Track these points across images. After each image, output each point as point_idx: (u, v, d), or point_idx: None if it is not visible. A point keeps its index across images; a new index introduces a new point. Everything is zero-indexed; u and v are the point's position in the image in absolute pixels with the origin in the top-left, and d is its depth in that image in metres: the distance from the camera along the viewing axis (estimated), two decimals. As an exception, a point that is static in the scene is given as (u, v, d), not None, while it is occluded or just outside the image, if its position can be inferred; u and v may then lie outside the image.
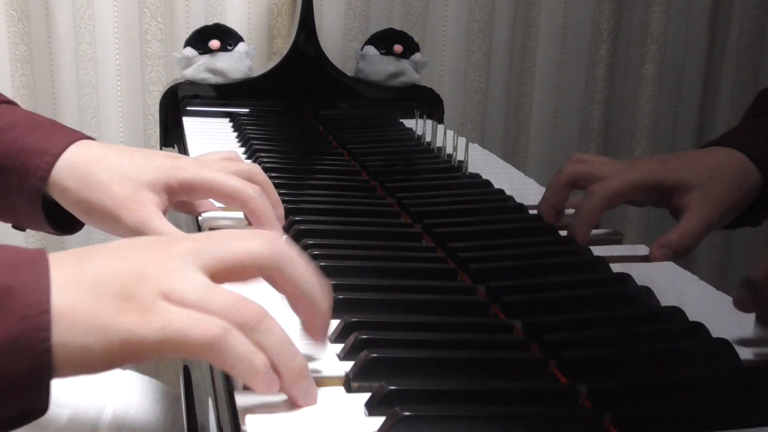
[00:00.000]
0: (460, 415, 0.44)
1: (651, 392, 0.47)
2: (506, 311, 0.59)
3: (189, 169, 0.69)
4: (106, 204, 0.66)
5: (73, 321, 0.42)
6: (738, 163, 0.78)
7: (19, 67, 1.42)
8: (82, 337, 0.42)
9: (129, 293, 0.43)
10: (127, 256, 0.45)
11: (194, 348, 0.43)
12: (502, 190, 0.87)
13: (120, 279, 0.43)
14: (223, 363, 0.43)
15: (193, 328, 0.42)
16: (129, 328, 0.42)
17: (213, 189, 0.69)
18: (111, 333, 0.42)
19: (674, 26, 1.64)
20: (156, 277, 0.44)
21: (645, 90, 1.64)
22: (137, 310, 0.42)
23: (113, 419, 0.73)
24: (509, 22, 1.57)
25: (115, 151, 0.69)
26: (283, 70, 1.30)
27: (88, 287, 0.43)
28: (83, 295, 0.43)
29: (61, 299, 0.42)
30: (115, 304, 0.42)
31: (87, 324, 0.42)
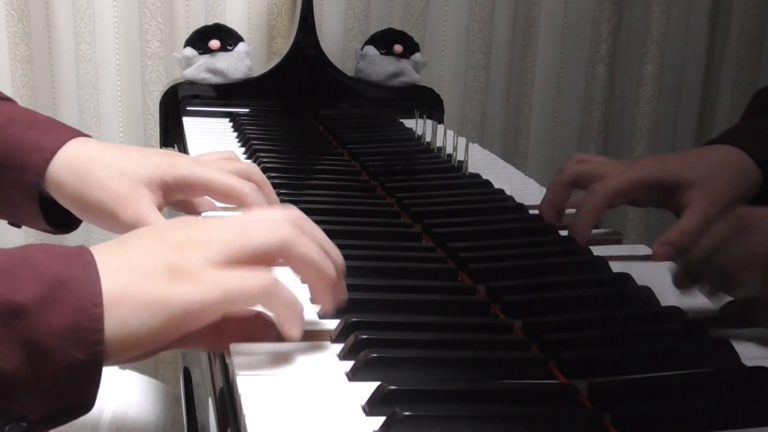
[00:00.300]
0: (460, 415, 0.44)
1: (651, 392, 0.47)
2: (506, 311, 0.59)
3: (186, 167, 0.69)
4: (103, 200, 0.67)
5: (128, 304, 0.44)
6: (738, 160, 0.78)
7: (19, 67, 1.42)
8: (141, 314, 0.44)
9: (178, 267, 0.46)
10: (166, 236, 0.49)
11: (251, 300, 0.48)
12: (502, 190, 0.87)
13: (166, 256, 0.46)
14: (274, 309, 0.49)
15: (247, 283, 0.47)
16: (188, 296, 0.45)
17: (210, 187, 0.69)
18: (172, 304, 0.45)
19: (674, 26, 1.64)
20: (199, 248, 0.47)
21: (645, 90, 1.64)
22: (190, 280, 0.46)
23: (113, 419, 0.73)
24: (509, 22, 1.57)
25: (112, 148, 0.70)
26: (283, 70, 1.30)
27: (136, 269, 0.46)
28: (134, 277, 0.45)
29: (111, 285, 0.44)
30: (167, 278, 0.45)
31: (144, 302, 0.44)
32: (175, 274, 0.46)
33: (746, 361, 0.52)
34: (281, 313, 0.49)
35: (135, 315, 0.44)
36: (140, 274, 0.45)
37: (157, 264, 0.46)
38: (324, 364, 0.50)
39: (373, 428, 0.43)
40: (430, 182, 0.91)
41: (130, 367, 0.85)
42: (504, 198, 0.85)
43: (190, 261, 0.46)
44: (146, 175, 0.67)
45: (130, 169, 0.68)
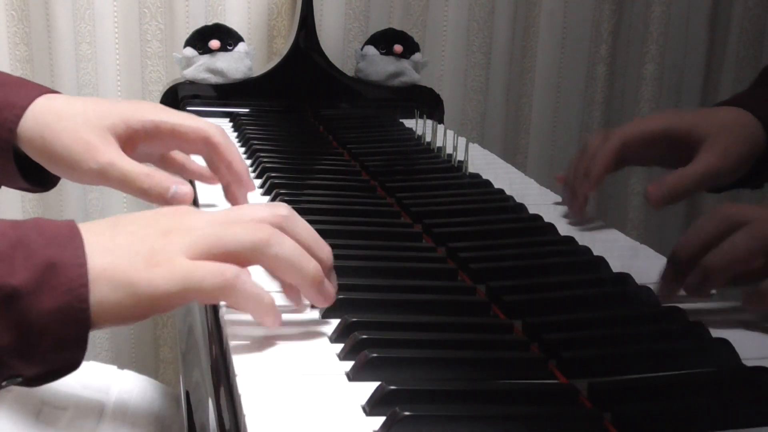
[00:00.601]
0: (460, 415, 0.44)
1: (651, 392, 0.47)
2: (506, 311, 0.59)
3: (151, 111, 0.71)
4: (70, 149, 0.68)
5: (108, 281, 0.48)
6: (744, 120, 0.80)
7: (19, 67, 1.42)
8: (115, 294, 0.48)
9: (156, 252, 0.49)
10: (154, 222, 0.52)
11: (211, 292, 0.49)
12: (502, 190, 0.87)
13: (149, 241, 0.50)
14: (236, 303, 0.51)
15: (209, 276, 0.49)
16: (154, 282, 0.48)
17: (176, 130, 0.70)
18: (138, 287, 0.48)
19: (674, 26, 1.64)
20: (180, 235, 0.50)
21: (645, 90, 1.64)
22: (161, 265, 0.49)
23: (113, 419, 0.73)
24: (509, 22, 1.57)
25: (80, 100, 0.72)
26: (283, 70, 1.30)
27: (122, 251, 0.49)
28: (118, 258, 0.49)
29: (98, 262, 0.48)
30: (144, 262, 0.49)
31: (119, 282, 0.48)
32: (152, 258, 0.49)
33: (746, 361, 0.52)
34: (245, 306, 0.51)
35: (111, 293, 0.48)
36: (123, 257, 0.49)
37: (139, 248, 0.50)
38: (324, 364, 0.50)
39: (373, 428, 0.43)
40: (430, 182, 0.91)
41: (130, 366, 0.85)
42: (504, 198, 0.85)
43: (169, 247, 0.50)
44: (111, 122, 0.69)
45: (96, 117, 0.69)
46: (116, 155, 0.68)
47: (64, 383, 0.71)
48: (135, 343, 1.57)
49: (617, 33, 1.63)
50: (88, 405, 0.70)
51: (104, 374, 0.75)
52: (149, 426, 0.74)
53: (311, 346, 0.52)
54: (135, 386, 0.79)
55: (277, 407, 0.45)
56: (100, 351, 1.54)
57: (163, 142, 0.72)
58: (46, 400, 0.68)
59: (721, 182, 0.80)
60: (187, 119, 0.71)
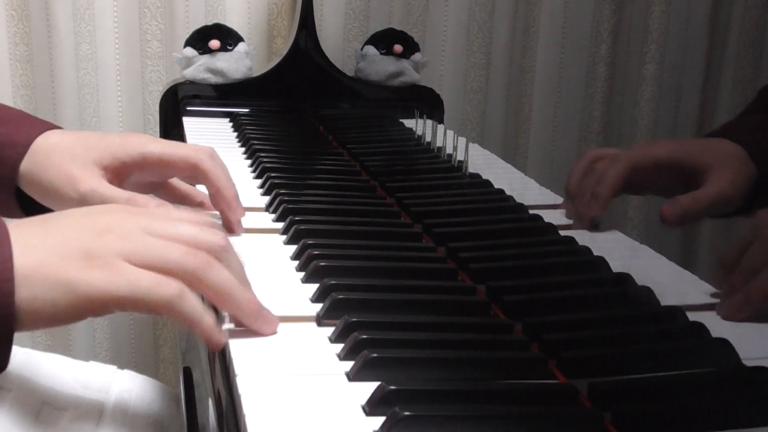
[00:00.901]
0: (460, 415, 0.44)
1: (651, 392, 0.47)
2: (506, 311, 0.59)
3: (137, 143, 0.71)
4: (53, 181, 0.70)
5: (41, 279, 0.47)
6: (740, 154, 0.82)
7: (19, 67, 1.42)
8: (51, 292, 0.47)
9: (93, 253, 0.48)
10: (88, 220, 0.51)
11: (155, 307, 0.48)
12: (502, 190, 0.87)
13: (84, 240, 0.48)
14: (178, 319, 0.49)
15: (155, 288, 0.48)
16: (95, 283, 0.47)
17: (163, 160, 0.71)
18: (77, 288, 0.47)
19: (674, 26, 1.64)
20: (118, 239, 0.49)
21: (645, 90, 1.64)
22: (102, 268, 0.47)
23: (112, 419, 0.73)
24: (509, 22, 1.57)
25: (72, 136, 0.73)
26: (283, 70, 1.30)
27: (53, 248, 0.48)
28: (49, 255, 0.47)
29: (26, 261, 0.47)
30: (80, 262, 0.47)
31: (54, 281, 0.47)
32: (89, 259, 0.48)
33: (746, 361, 0.52)
34: (184, 324, 0.50)
35: (44, 293, 0.47)
36: (55, 254, 0.48)
37: (73, 246, 0.48)
38: (324, 364, 0.50)
39: (373, 428, 0.43)
40: (430, 182, 0.91)
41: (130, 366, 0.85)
42: (504, 198, 0.85)
43: (106, 250, 0.48)
44: (97, 156, 0.70)
45: (82, 150, 0.70)
46: (97, 183, 0.69)
47: (64, 383, 0.71)
48: (135, 343, 1.57)
49: (617, 33, 1.63)
50: (88, 405, 0.70)
51: (104, 374, 0.75)
52: (149, 426, 0.74)
53: (311, 346, 0.52)
54: (135, 386, 0.79)
55: (277, 407, 0.45)
56: (99, 351, 1.54)
57: (153, 172, 0.73)
58: (46, 401, 0.68)
59: (728, 208, 0.82)
60: (174, 148, 0.72)
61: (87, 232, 0.49)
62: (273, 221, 0.77)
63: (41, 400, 0.67)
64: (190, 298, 0.49)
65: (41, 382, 0.69)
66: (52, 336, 1.51)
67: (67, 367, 0.74)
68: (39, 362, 0.71)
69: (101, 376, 0.75)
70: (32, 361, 0.69)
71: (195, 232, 0.53)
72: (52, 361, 0.73)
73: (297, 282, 0.63)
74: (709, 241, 1.75)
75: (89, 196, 0.68)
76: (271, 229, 0.75)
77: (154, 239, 0.50)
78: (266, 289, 0.59)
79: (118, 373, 0.78)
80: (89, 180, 0.69)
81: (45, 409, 0.67)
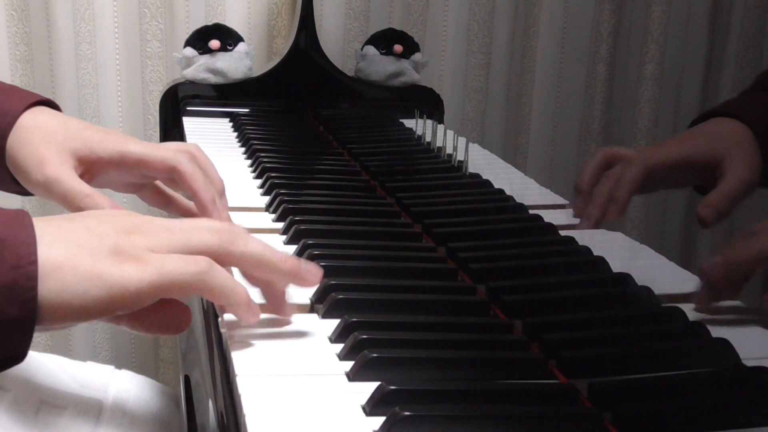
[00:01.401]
0: (460, 415, 0.44)
1: (651, 392, 0.47)
2: (506, 311, 0.59)
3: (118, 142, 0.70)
4: (25, 159, 0.69)
5: (72, 271, 0.46)
6: (746, 134, 0.83)
7: (19, 67, 1.42)
8: (82, 284, 0.46)
9: (122, 248, 0.48)
10: (114, 221, 0.51)
11: (185, 284, 0.49)
12: (502, 190, 0.87)
13: (112, 237, 0.49)
14: (211, 294, 0.50)
15: (183, 266, 0.48)
16: (127, 275, 0.47)
17: (142, 161, 0.69)
18: (110, 279, 0.47)
19: (674, 26, 1.64)
20: (144, 236, 0.50)
21: (645, 90, 1.64)
22: (132, 261, 0.48)
23: (111, 418, 0.73)
24: (509, 22, 1.57)
25: (58, 120, 0.72)
26: (283, 70, 1.30)
27: (83, 243, 0.48)
28: (80, 250, 0.47)
29: (56, 252, 0.46)
30: (110, 257, 0.48)
31: (86, 272, 0.47)
32: (119, 254, 0.48)
33: (746, 361, 0.52)
34: (220, 298, 0.50)
35: (74, 285, 0.46)
36: (86, 248, 0.48)
37: (102, 242, 0.48)
38: (324, 364, 0.50)
39: (373, 428, 0.43)
40: (430, 182, 0.91)
41: (130, 366, 0.85)
42: (504, 198, 0.85)
43: (134, 245, 0.49)
44: (74, 145, 0.69)
45: (63, 137, 0.69)
46: (64, 172, 0.68)
47: (62, 383, 0.71)
48: (135, 343, 1.57)
49: (617, 33, 1.63)
50: (87, 404, 0.70)
51: (102, 374, 0.75)
52: (147, 425, 0.74)
53: (311, 346, 0.52)
54: (132, 386, 0.79)
55: (277, 407, 0.45)
56: (100, 351, 1.54)
57: (132, 172, 0.72)
58: (45, 399, 0.68)
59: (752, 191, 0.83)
60: (153, 149, 0.70)
61: (114, 230, 0.50)
62: (273, 221, 0.78)
63: (40, 399, 0.67)
64: (219, 271, 0.50)
65: (40, 381, 0.69)
66: (52, 336, 1.51)
67: (65, 367, 0.74)
68: (38, 362, 0.71)
69: (99, 376, 0.75)
70: (31, 362, 0.69)
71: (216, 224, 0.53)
72: (50, 361, 0.73)
73: (297, 282, 0.63)
74: (709, 241, 1.75)
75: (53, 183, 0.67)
76: (271, 229, 0.75)
77: (178, 229, 0.52)
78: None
79: (115, 373, 0.78)
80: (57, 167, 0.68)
81: (44, 408, 0.67)
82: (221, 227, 0.52)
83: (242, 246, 0.52)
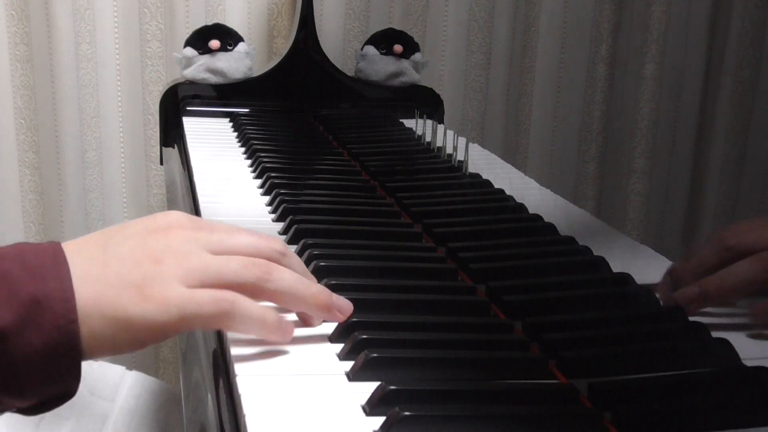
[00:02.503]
0: (460, 415, 0.44)
1: (651, 392, 0.47)
2: (506, 311, 0.59)
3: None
4: None
5: (97, 316, 0.46)
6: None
7: (19, 67, 1.42)
8: (110, 329, 0.47)
9: (149, 281, 0.48)
10: (146, 244, 0.50)
11: (210, 321, 0.49)
12: (502, 190, 0.87)
13: (141, 269, 0.48)
14: (237, 329, 0.50)
15: (205, 305, 0.48)
16: (150, 317, 0.47)
17: None
18: (134, 323, 0.47)
19: (674, 26, 1.64)
20: (175, 264, 0.49)
21: (645, 90, 1.64)
22: (157, 298, 0.47)
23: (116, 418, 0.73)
24: (509, 22, 1.57)
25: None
26: (283, 70, 1.30)
27: (113, 280, 0.48)
28: (109, 288, 0.47)
29: (86, 295, 0.46)
30: (136, 293, 0.47)
31: (110, 318, 0.47)
32: (146, 288, 0.48)
33: (746, 361, 0.52)
34: (250, 330, 0.50)
35: (103, 327, 0.47)
36: (113, 286, 0.47)
37: (132, 277, 0.48)
38: (324, 364, 0.50)
39: (373, 428, 0.43)
40: (430, 182, 0.91)
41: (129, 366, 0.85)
42: (504, 198, 0.85)
43: (163, 275, 0.48)
44: None
45: None
46: None
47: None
48: (135, 343, 1.57)
49: (617, 33, 1.63)
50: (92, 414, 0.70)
51: (112, 377, 0.75)
52: (150, 426, 0.74)
53: (311, 346, 0.52)
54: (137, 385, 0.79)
55: (277, 407, 0.45)
56: (100, 351, 1.54)
57: None
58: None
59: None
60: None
61: (145, 260, 0.49)
62: (273, 221, 0.78)
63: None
64: (243, 304, 0.49)
65: None
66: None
67: None
68: None
69: (110, 379, 0.75)
70: None
71: (254, 241, 0.53)
72: None
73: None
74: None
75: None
76: (272, 229, 0.75)
77: (212, 257, 0.50)
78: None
79: (126, 375, 0.78)
80: None
81: (47, 417, 0.67)
82: (258, 262, 0.51)
83: (277, 283, 0.51)
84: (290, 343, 0.53)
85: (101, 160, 1.50)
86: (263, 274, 0.51)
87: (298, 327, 0.55)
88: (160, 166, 1.41)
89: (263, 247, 0.53)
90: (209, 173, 0.94)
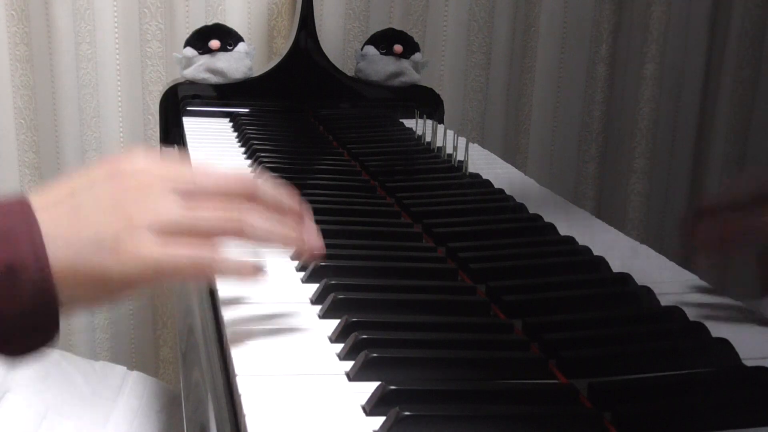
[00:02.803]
0: (460, 415, 0.44)
1: (651, 392, 0.47)
2: (506, 311, 0.59)
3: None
4: None
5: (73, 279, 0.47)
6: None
7: (19, 67, 1.42)
8: (85, 288, 0.48)
9: (124, 237, 0.48)
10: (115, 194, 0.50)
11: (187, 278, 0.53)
12: (502, 190, 0.87)
13: (114, 227, 0.49)
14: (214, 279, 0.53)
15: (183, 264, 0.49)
16: (125, 271, 0.48)
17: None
18: (111, 279, 0.48)
19: (674, 26, 1.64)
20: (143, 219, 0.49)
21: (645, 90, 1.64)
22: (132, 253, 0.48)
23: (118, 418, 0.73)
24: (509, 22, 1.57)
25: None
26: (283, 70, 1.30)
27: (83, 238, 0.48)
28: (81, 247, 0.48)
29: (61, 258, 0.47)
30: (111, 251, 0.48)
31: (87, 278, 0.48)
32: (119, 245, 0.48)
33: (746, 361, 0.52)
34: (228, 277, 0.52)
35: (80, 288, 0.48)
36: (85, 245, 0.48)
37: (104, 235, 0.48)
38: (324, 364, 0.50)
39: (373, 428, 0.43)
40: (430, 182, 0.91)
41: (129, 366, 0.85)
42: (504, 198, 0.85)
43: (136, 232, 0.49)
44: None
45: None
46: None
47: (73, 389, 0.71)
48: (135, 343, 1.57)
49: (617, 33, 1.63)
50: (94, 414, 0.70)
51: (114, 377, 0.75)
52: (151, 426, 0.74)
53: (311, 346, 0.52)
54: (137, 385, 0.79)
55: (277, 407, 0.45)
56: (100, 351, 1.54)
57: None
58: (51, 406, 0.68)
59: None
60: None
61: (117, 218, 0.49)
62: (273, 221, 0.77)
63: (46, 405, 0.67)
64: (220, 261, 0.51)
65: (49, 383, 0.69)
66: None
67: (78, 367, 0.74)
68: (51, 360, 0.71)
69: (112, 379, 0.75)
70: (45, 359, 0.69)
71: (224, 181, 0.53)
72: (63, 359, 0.73)
73: (297, 282, 0.63)
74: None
75: None
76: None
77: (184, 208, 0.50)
78: (266, 289, 0.59)
79: (128, 375, 0.79)
80: None
81: (49, 416, 0.67)
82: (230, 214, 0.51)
83: (248, 230, 0.52)
84: (290, 343, 0.53)
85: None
86: (236, 224, 0.51)
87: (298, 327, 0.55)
88: (160, 166, 1.41)
89: (234, 186, 0.53)
90: None
